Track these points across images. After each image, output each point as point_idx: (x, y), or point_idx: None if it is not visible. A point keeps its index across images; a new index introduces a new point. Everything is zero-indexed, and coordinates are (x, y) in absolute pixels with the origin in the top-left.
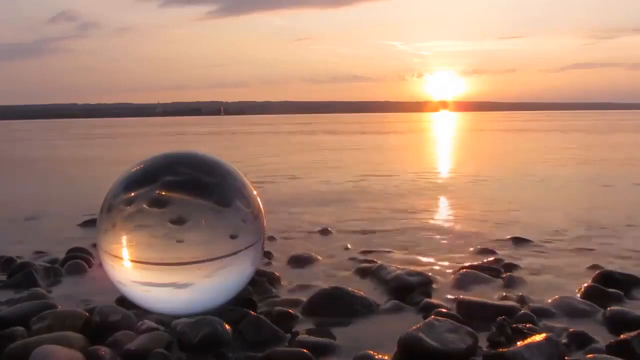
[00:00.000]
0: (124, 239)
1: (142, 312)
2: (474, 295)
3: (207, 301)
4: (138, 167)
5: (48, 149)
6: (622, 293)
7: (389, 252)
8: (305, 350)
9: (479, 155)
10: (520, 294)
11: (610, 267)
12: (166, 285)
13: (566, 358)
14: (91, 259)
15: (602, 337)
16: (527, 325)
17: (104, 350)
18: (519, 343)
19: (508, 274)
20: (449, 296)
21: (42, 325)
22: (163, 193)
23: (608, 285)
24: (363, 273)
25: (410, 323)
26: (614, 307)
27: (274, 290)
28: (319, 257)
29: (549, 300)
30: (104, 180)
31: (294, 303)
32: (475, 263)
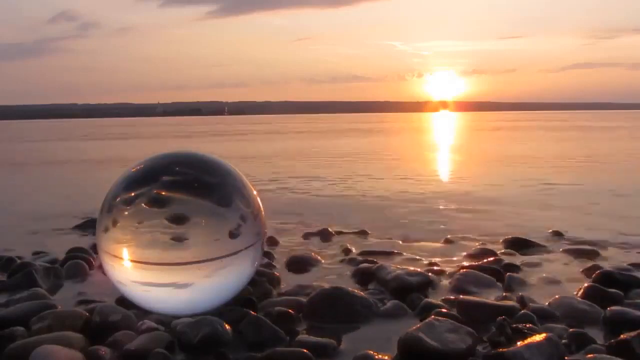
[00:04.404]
0: (124, 239)
1: (142, 312)
2: (474, 296)
3: (207, 301)
4: (138, 167)
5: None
6: (622, 293)
7: (389, 252)
8: (305, 351)
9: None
10: (520, 294)
11: (610, 267)
12: (166, 285)
13: (566, 358)
14: (91, 259)
15: (602, 337)
16: (527, 325)
17: (104, 350)
18: (519, 343)
19: (508, 274)
20: (449, 296)
21: (42, 325)
22: (163, 193)
23: (608, 285)
24: (363, 273)
25: (410, 323)
26: (614, 307)
27: (274, 290)
28: (319, 257)
29: (549, 301)
30: (104, 181)
31: (294, 303)
32: (475, 263)
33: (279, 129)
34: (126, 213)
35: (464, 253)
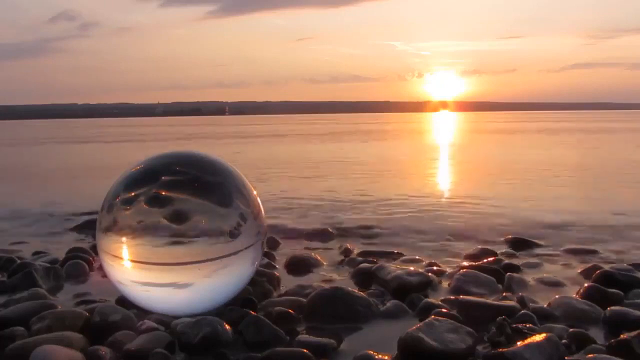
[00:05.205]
0: (124, 239)
1: (142, 312)
2: (474, 296)
3: (207, 301)
4: (138, 167)
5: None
6: (622, 293)
7: (388, 252)
8: (305, 351)
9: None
10: (520, 294)
11: (610, 267)
12: (166, 285)
13: (566, 358)
14: (91, 259)
15: (602, 337)
16: (527, 325)
17: (104, 350)
18: (519, 343)
19: (508, 274)
20: (449, 296)
21: (42, 325)
22: (163, 193)
23: (608, 285)
24: (363, 273)
25: (410, 323)
26: (614, 307)
27: (274, 290)
28: (318, 257)
29: (549, 301)
30: (104, 181)
31: (294, 303)
32: (475, 263)
33: (291, 130)
34: (126, 213)
35: (464, 253)
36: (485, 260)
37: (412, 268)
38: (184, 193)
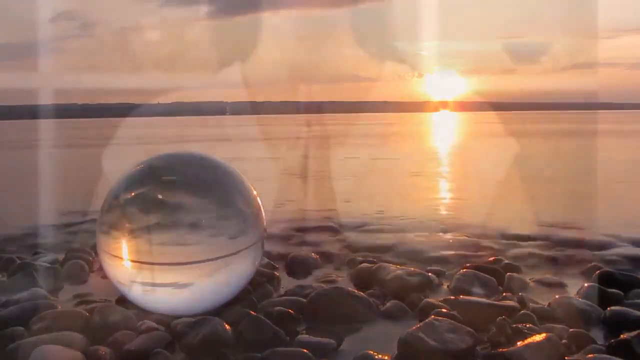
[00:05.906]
0: (124, 239)
1: (142, 312)
2: (473, 296)
3: (207, 301)
4: (138, 167)
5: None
6: (622, 293)
7: (389, 252)
8: (305, 351)
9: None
10: (520, 294)
11: (610, 267)
12: (166, 285)
13: (566, 358)
14: (91, 259)
15: (602, 337)
16: (527, 325)
17: (104, 350)
18: (519, 343)
19: (508, 274)
20: (449, 296)
21: (42, 325)
22: (163, 193)
23: (608, 285)
24: (363, 273)
25: (410, 323)
26: (614, 307)
27: (274, 290)
28: (319, 257)
29: (549, 301)
30: (104, 180)
31: (294, 303)
32: (475, 263)
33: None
34: (126, 213)
35: (464, 253)
36: (485, 261)
37: (412, 268)
38: (184, 193)
